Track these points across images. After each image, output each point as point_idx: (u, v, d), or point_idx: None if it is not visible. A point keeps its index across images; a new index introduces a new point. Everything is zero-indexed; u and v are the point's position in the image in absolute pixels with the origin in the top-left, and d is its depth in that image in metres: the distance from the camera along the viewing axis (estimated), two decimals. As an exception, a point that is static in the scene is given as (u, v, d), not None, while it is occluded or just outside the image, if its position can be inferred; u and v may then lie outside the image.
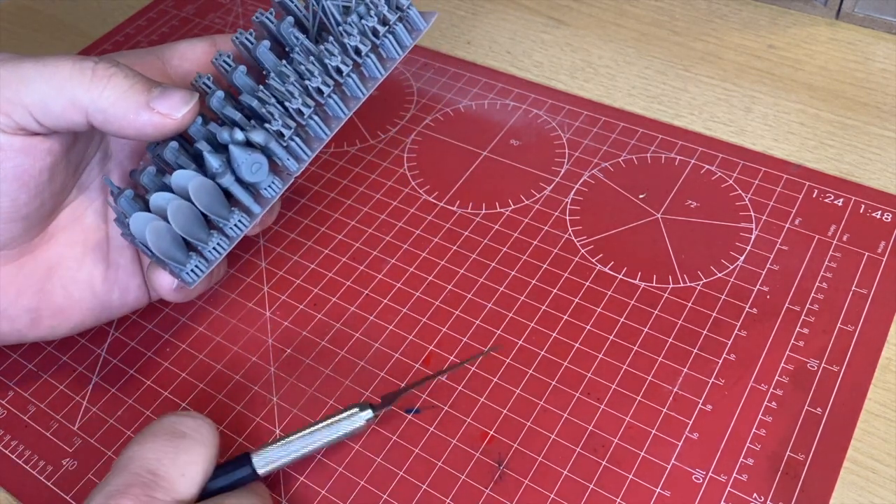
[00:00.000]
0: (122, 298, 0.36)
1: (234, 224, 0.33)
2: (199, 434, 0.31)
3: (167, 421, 0.31)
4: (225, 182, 0.32)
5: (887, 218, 0.40)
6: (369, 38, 0.34)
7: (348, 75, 0.33)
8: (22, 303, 0.34)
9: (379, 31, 0.33)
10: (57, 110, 0.30)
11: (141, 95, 0.31)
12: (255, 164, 0.32)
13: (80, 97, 0.30)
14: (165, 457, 0.29)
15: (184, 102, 0.31)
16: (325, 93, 0.33)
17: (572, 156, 0.45)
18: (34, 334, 0.35)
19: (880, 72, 0.47)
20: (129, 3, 0.59)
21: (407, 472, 0.34)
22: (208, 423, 0.31)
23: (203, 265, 0.33)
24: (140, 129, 0.31)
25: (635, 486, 0.33)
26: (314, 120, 0.33)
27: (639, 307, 0.38)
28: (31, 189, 0.32)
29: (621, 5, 0.53)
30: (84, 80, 0.30)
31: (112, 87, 0.30)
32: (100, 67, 0.30)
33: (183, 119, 0.31)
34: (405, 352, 0.38)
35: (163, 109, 0.31)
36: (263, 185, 0.33)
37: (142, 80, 0.31)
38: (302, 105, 0.33)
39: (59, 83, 0.30)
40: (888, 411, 0.34)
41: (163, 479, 0.29)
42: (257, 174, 0.32)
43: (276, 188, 0.33)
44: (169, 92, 0.31)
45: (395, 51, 0.34)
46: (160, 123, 0.31)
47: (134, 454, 0.30)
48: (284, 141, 0.33)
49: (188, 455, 0.30)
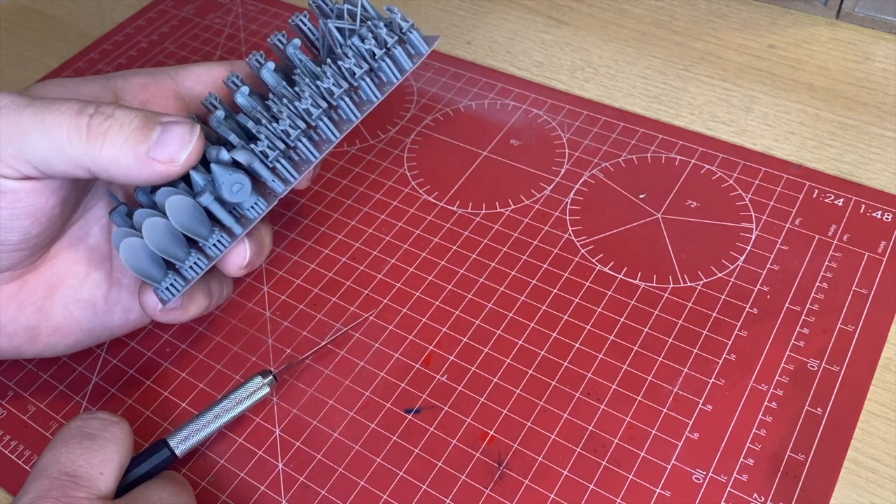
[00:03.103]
0: (123, 318, 0.36)
1: (214, 243, 0.32)
2: (109, 432, 0.31)
3: (73, 426, 0.31)
4: (204, 201, 0.31)
5: (887, 218, 0.40)
6: (366, 61, 0.33)
7: (340, 98, 0.33)
8: (21, 320, 0.34)
9: (376, 54, 0.33)
10: (60, 168, 0.30)
11: (140, 146, 0.29)
12: (237, 185, 0.31)
13: (80, 158, 0.29)
14: (79, 458, 0.30)
15: (183, 146, 0.30)
16: (314, 114, 0.32)
17: (572, 156, 0.45)
18: (32, 351, 0.35)
19: (880, 72, 0.47)
20: (129, 3, 0.59)
21: (407, 472, 0.34)
22: (116, 421, 0.32)
23: (179, 283, 0.33)
24: (147, 180, 0.30)
25: (635, 486, 0.33)
26: (302, 142, 0.33)
27: (639, 307, 0.38)
28: (44, 223, 0.32)
29: (621, 5, 0.53)
30: (81, 140, 0.29)
31: (109, 143, 0.29)
32: (94, 122, 0.29)
33: (185, 164, 0.30)
34: (405, 352, 0.38)
35: (163, 158, 0.30)
36: (246, 206, 0.32)
37: (139, 127, 0.30)
38: (289, 126, 0.32)
39: (58, 144, 0.29)
40: (888, 411, 0.34)
41: (81, 478, 0.29)
42: (238, 194, 0.31)
43: (259, 209, 0.32)
44: (168, 134, 0.30)
45: (392, 74, 0.33)
46: (164, 172, 0.30)
47: (48, 461, 0.30)
48: (270, 162, 0.32)
49: (102, 453, 0.30)
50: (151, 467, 0.32)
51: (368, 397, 0.36)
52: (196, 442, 0.33)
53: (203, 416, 0.34)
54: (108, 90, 0.34)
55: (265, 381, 0.35)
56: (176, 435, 0.33)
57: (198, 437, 0.33)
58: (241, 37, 0.55)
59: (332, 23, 0.33)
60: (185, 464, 0.35)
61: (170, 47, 0.55)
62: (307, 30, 0.35)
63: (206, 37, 0.55)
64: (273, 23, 0.55)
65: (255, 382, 0.35)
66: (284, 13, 0.56)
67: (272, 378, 0.35)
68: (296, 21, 0.35)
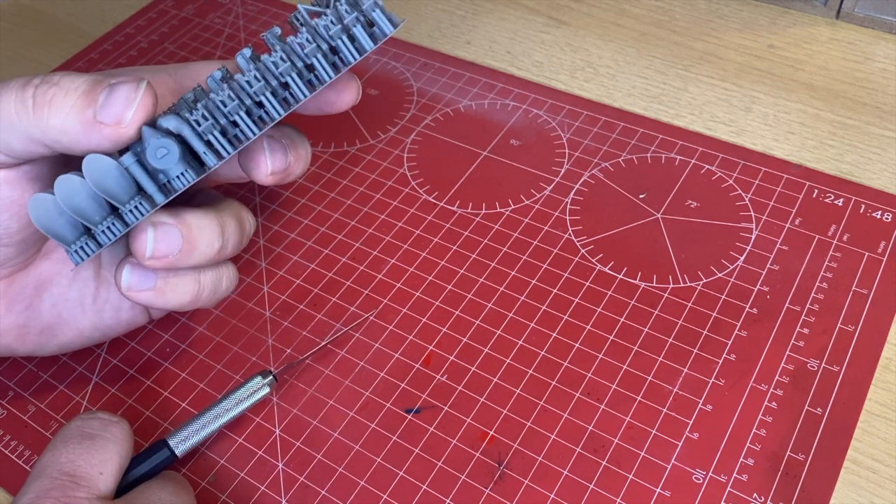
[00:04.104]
0: (114, 317, 0.35)
1: (131, 209, 0.31)
2: (109, 432, 0.31)
3: (73, 426, 0.31)
4: (124, 161, 0.30)
5: (887, 218, 0.40)
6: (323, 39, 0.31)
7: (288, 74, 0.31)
8: (9, 319, 0.33)
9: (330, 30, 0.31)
10: (19, 147, 0.29)
11: (87, 111, 0.28)
12: (162, 149, 0.29)
13: (30, 131, 0.28)
14: (79, 458, 0.30)
15: (129, 102, 0.28)
16: (253, 87, 0.30)
17: (572, 156, 0.45)
18: (22, 349, 0.35)
19: (880, 72, 0.47)
20: (129, 3, 0.59)
21: (407, 472, 0.34)
22: (116, 421, 0.32)
23: (91, 246, 0.31)
24: (99, 146, 0.29)
25: (635, 486, 0.33)
26: (240, 116, 0.31)
27: (639, 307, 0.38)
28: (23, 217, 0.31)
29: (621, 5, 0.53)
30: (28, 113, 0.28)
31: (55, 111, 0.28)
32: (39, 91, 0.28)
33: (133, 122, 0.29)
34: (405, 352, 0.38)
35: (110, 120, 0.28)
36: (173, 174, 0.30)
37: (84, 93, 0.29)
38: (227, 97, 0.30)
39: (9, 121, 0.28)
40: (888, 411, 0.34)
41: (81, 478, 0.29)
42: (163, 160, 0.30)
43: (186, 179, 0.31)
44: (113, 96, 0.28)
45: (350, 54, 0.31)
46: (113, 136, 0.28)
47: (47, 461, 0.30)
48: (203, 133, 0.30)
49: (102, 453, 0.30)
50: (151, 467, 0.32)
51: (368, 397, 0.36)
52: (196, 442, 0.33)
53: (203, 416, 0.34)
54: None
55: (265, 381, 0.35)
56: (176, 435, 0.33)
57: (198, 437, 0.33)
58: (241, 37, 0.55)
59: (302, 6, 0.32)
60: (185, 464, 0.35)
61: (170, 47, 0.55)
62: None
63: (206, 37, 0.55)
64: (273, 22, 0.55)
65: (256, 382, 0.35)
66: (284, 13, 0.56)
67: (272, 378, 0.35)
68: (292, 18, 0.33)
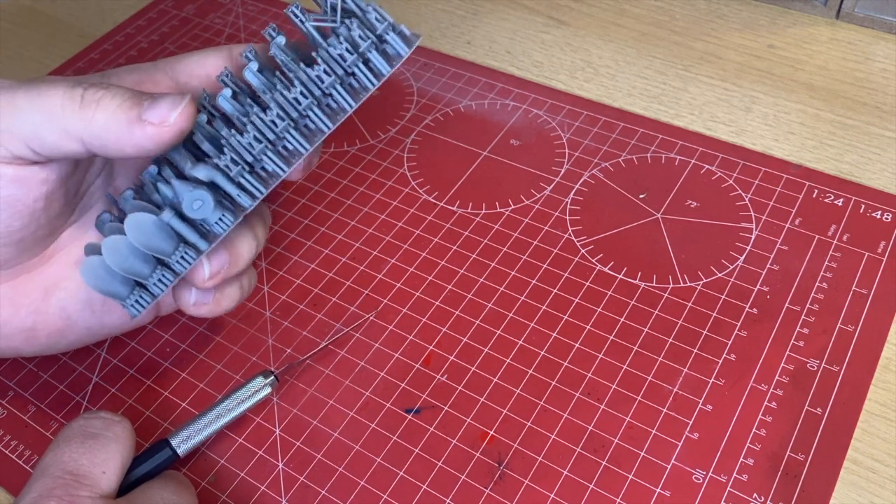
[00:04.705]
0: (122, 317, 0.36)
1: (178, 259, 0.32)
2: (111, 432, 0.31)
3: (76, 425, 0.31)
4: (165, 217, 0.31)
5: (887, 218, 0.40)
6: (340, 66, 0.31)
7: (309, 108, 0.31)
8: (17, 322, 0.33)
9: (346, 59, 0.30)
10: (51, 140, 0.30)
11: (132, 111, 0.30)
12: (197, 201, 0.31)
13: (72, 126, 0.29)
14: (82, 457, 0.30)
15: (174, 106, 0.30)
16: (278, 127, 0.31)
17: (572, 156, 0.45)
18: (30, 350, 0.35)
19: (880, 72, 0.47)
20: (129, 3, 0.59)
21: (407, 472, 0.34)
22: (118, 420, 0.32)
23: (145, 299, 0.33)
24: (138, 145, 0.30)
25: (635, 486, 0.33)
26: (268, 156, 0.31)
27: (639, 307, 0.38)
28: (25, 217, 0.31)
29: (621, 5, 0.53)
30: (74, 108, 0.29)
31: (102, 109, 0.29)
32: (89, 92, 0.30)
33: (177, 124, 0.30)
34: (405, 352, 0.38)
35: (154, 119, 0.29)
36: (212, 221, 0.32)
37: (131, 96, 0.30)
38: (253, 139, 0.31)
39: (51, 113, 0.29)
40: (888, 411, 0.34)
41: (84, 477, 0.29)
42: (200, 210, 0.31)
43: (225, 223, 0.32)
44: (159, 100, 0.30)
45: (367, 80, 0.31)
46: (156, 135, 0.30)
47: (50, 461, 0.30)
48: (234, 177, 0.31)
49: (104, 453, 0.30)
50: (153, 467, 0.32)
51: (368, 397, 0.36)
52: (198, 442, 0.33)
53: (205, 415, 0.34)
54: None
55: (267, 381, 0.35)
56: (178, 434, 0.33)
57: (200, 436, 0.33)
58: (241, 37, 0.55)
59: (310, 23, 0.31)
60: (186, 464, 0.35)
61: (170, 47, 0.55)
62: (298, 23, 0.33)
63: (206, 37, 0.55)
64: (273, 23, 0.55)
65: (257, 382, 0.35)
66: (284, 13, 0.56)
67: (273, 378, 0.35)
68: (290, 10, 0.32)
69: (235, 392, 0.34)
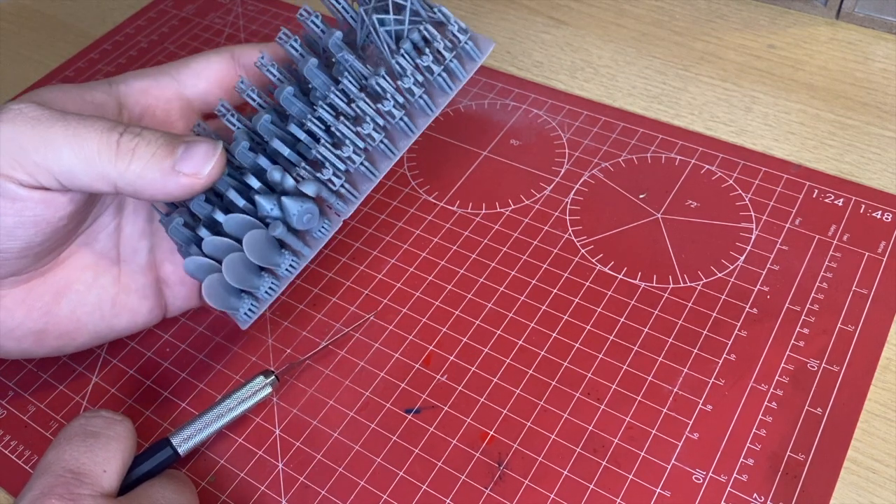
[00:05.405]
0: (131, 321, 0.36)
1: (287, 268, 0.34)
2: (112, 430, 0.31)
3: (77, 424, 0.31)
4: (278, 234, 0.33)
5: (887, 218, 0.40)
6: (422, 74, 0.33)
7: (401, 119, 0.34)
8: (28, 324, 0.34)
9: (434, 70, 0.33)
10: (85, 181, 0.30)
11: (166, 161, 0.30)
12: (307, 215, 0.33)
13: (107, 172, 0.30)
14: (83, 455, 0.30)
15: (207, 158, 0.31)
16: (376, 140, 0.33)
17: (572, 156, 0.45)
18: (39, 352, 0.35)
19: (880, 72, 0.47)
20: (129, 3, 0.59)
21: (407, 472, 0.34)
22: (120, 419, 0.32)
23: (256, 307, 0.34)
24: (170, 194, 0.31)
25: (635, 486, 0.33)
26: (365, 166, 0.34)
27: (639, 307, 0.38)
28: (48, 233, 0.32)
29: (621, 5, 0.53)
30: (111, 156, 0.30)
31: (137, 158, 0.30)
32: (124, 139, 0.30)
33: (209, 176, 0.31)
34: (405, 352, 0.38)
35: (188, 170, 0.31)
36: (315, 230, 0.34)
37: (165, 144, 0.31)
38: (353, 153, 0.33)
39: (87, 157, 0.30)
40: (888, 411, 0.34)
41: (85, 475, 0.30)
42: (308, 223, 0.33)
43: (326, 230, 0.34)
44: (192, 149, 0.31)
45: (447, 86, 0.34)
46: (188, 185, 0.31)
47: (52, 459, 0.30)
48: (335, 188, 0.33)
49: (105, 451, 0.30)
50: (154, 466, 0.32)
51: (368, 397, 0.36)
52: (199, 441, 0.33)
53: (205, 415, 0.34)
54: (112, 97, 0.35)
55: (267, 381, 0.35)
56: (178, 434, 0.33)
57: (200, 436, 0.33)
58: (241, 37, 0.55)
59: (383, 28, 0.33)
60: (186, 464, 0.35)
61: (170, 47, 0.55)
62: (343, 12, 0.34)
63: (206, 37, 0.55)
64: (273, 23, 0.55)
65: (258, 382, 0.35)
66: (284, 13, 0.56)
67: (274, 378, 0.35)
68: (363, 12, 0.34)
69: (236, 391, 0.34)
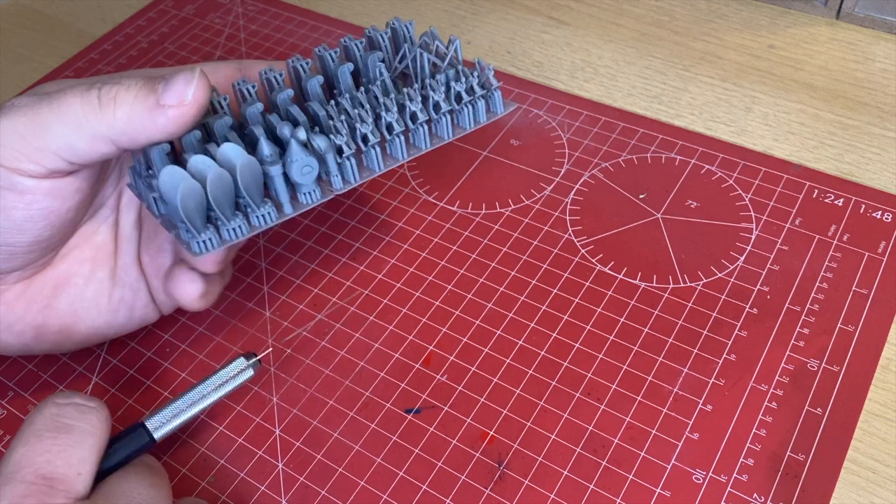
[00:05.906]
0: (127, 316, 0.36)
1: (262, 214, 0.32)
2: (86, 422, 0.29)
3: (48, 414, 0.29)
4: (273, 171, 0.31)
5: (887, 218, 0.40)
6: (451, 100, 0.34)
7: (420, 125, 0.34)
8: (28, 319, 0.34)
9: (463, 98, 0.34)
10: (83, 148, 0.30)
11: (149, 98, 0.30)
12: (307, 167, 0.31)
13: (98, 128, 0.30)
14: (56, 457, 0.28)
15: (188, 83, 0.30)
16: (394, 130, 0.33)
17: (572, 156, 0.45)
18: (39, 348, 0.35)
19: (880, 72, 0.47)
20: (129, 3, 0.59)
21: (407, 472, 0.34)
22: (94, 406, 0.30)
23: (215, 241, 0.31)
24: (164, 130, 0.30)
25: (635, 486, 0.33)
26: (375, 150, 0.33)
27: (639, 307, 0.38)
28: (57, 226, 0.32)
29: (621, 5, 0.53)
30: (95, 111, 0.30)
31: (120, 104, 0.30)
32: (104, 92, 0.30)
33: (196, 100, 0.30)
34: (405, 352, 0.38)
35: (173, 101, 0.30)
36: (304, 190, 0.32)
37: (144, 84, 0.30)
38: (371, 132, 0.33)
39: (76, 123, 0.30)
40: (888, 411, 0.34)
41: (59, 482, 0.27)
42: (305, 177, 0.32)
43: (313, 197, 0.33)
44: (171, 81, 0.30)
45: (468, 121, 0.35)
46: (178, 116, 0.30)
47: (20, 459, 0.27)
48: (341, 158, 0.33)
49: (80, 449, 0.28)
50: (128, 454, 0.31)
51: (368, 397, 0.36)
52: (176, 426, 0.32)
53: (182, 397, 0.32)
54: None
55: (249, 364, 0.34)
56: (153, 418, 0.32)
57: (178, 420, 0.32)
58: (241, 37, 0.55)
59: (429, 56, 0.34)
60: (185, 464, 0.35)
61: (170, 47, 0.55)
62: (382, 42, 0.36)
63: (206, 37, 0.55)
64: (273, 23, 0.55)
65: (239, 364, 0.33)
66: (284, 13, 0.56)
67: (256, 361, 0.34)
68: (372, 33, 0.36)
69: (215, 374, 0.33)
